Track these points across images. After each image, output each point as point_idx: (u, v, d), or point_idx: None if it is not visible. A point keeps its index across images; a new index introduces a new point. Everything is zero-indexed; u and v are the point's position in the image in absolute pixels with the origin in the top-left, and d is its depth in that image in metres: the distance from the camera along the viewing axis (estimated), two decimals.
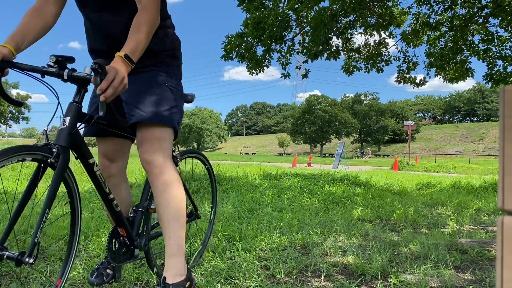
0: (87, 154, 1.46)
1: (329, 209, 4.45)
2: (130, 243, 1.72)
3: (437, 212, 4.61)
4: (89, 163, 1.47)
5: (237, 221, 3.40)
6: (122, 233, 1.68)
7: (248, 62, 7.28)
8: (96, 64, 1.19)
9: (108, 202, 1.58)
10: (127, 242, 1.71)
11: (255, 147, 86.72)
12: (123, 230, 1.68)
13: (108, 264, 1.70)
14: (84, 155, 1.45)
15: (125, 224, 1.67)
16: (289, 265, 2.24)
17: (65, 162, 1.32)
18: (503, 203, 0.43)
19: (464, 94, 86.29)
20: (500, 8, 6.46)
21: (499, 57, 7.36)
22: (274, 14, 6.65)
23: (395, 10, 7.22)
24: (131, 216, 1.80)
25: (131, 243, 1.73)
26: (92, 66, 1.21)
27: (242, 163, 16.03)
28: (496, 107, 73.82)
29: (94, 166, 1.49)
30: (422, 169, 19.01)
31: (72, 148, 1.39)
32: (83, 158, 1.46)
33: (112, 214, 1.62)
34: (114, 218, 1.63)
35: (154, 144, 1.50)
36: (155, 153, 1.50)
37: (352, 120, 60.30)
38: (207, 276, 2.01)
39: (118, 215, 1.63)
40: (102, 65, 1.20)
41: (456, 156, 45.55)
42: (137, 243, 1.74)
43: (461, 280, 2.11)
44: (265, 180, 6.82)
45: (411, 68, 8.09)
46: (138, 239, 1.76)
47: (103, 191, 1.54)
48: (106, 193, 1.56)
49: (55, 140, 1.32)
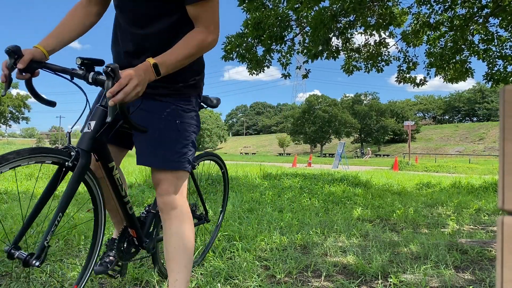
0: (108, 158, 1.45)
1: (329, 209, 4.45)
2: (139, 244, 1.73)
3: (437, 212, 4.61)
4: (108, 167, 1.47)
5: (237, 221, 3.40)
6: (132, 234, 1.70)
7: (248, 62, 7.28)
8: (109, 68, 1.17)
9: (123, 205, 1.59)
10: (136, 242, 1.72)
11: (255, 147, 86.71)
12: (133, 231, 1.69)
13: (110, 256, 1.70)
14: (105, 158, 1.44)
15: (136, 226, 1.68)
16: (289, 265, 2.24)
17: (84, 166, 1.30)
18: (503, 203, 0.43)
19: (464, 94, 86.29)
20: (500, 8, 6.46)
21: (499, 57, 7.35)
22: (274, 14, 6.65)
23: (395, 10, 7.21)
24: (143, 216, 1.81)
25: (140, 244, 1.73)
26: (104, 69, 1.18)
27: (242, 163, 16.04)
28: (496, 107, 73.82)
29: (114, 170, 1.49)
30: (422, 169, 19.01)
31: (94, 152, 1.38)
32: (104, 161, 1.45)
33: (126, 216, 1.63)
34: (127, 220, 1.64)
35: (170, 186, 1.46)
36: (171, 194, 1.46)
37: (352, 120, 60.30)
38: (207, 276, 2.01)
39: (130, 217, 1.63)
40: (114, 69, 1.17)
41: (456, 156, 45.55)
42: (145, 245, 1.75)
43: (461, 280, 2.11)
44: (265, 180, 6.82)
45: (411, 68, 8.09)
46: (147, 240, 1.76)
47: (119, 194, 1.55)
48: (122, 196, 1.56)
49: (78, 143, 1.31)
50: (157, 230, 1.82)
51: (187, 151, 1.48)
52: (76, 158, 1.28)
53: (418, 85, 8.18)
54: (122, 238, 1.67)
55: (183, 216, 1.49)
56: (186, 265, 1.47)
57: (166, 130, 1.44)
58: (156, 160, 1.45)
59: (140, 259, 2.10)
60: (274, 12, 6.70)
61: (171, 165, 1.44)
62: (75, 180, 1.28)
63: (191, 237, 1.50)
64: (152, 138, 1.44)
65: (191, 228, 1.51)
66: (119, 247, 1.65)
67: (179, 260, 1.46)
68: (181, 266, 1.46)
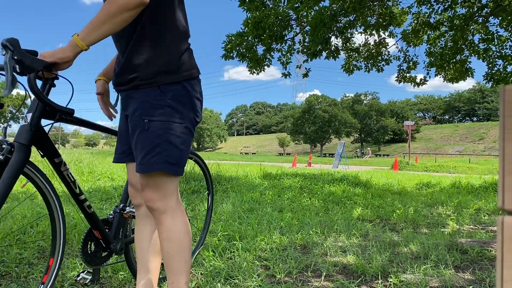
0: (52, 153, 1.39)
1: (329, 209, 4.45)
2: (106, 246, 1.65)
3: (437, 212, 4.61)
4: (55, 162, 1.42)
5: (237, 221, 3.40)
6: (97, 235, 1.62)
7: (248, 61, 7.28)
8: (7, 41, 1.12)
9: (80, 204, 1.52)
10: (103, 244, 1.64)
11: (255, 147, 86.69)
12: (98, 232, 1.61)
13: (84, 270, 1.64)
14: (49, 153, 1.38)
15: (99, 227, 1.60)
16: (289, 265, 2.24)
17: (20, 160, 1.24)
18: (503, 203, 0.43)
19: (464, 94, 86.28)
20: (500, 7, 6.45)
21: (499, 57, 7.35)
22: (274, 13, 6.65)
23: (395, 9, 7.21)
24: (111, 218, 1.72)
25: (107, 246, 1.66)
26: (3, 42, 1.13)
27: (242, 163, 16.04)
28: (496, 106, 73.82)
29: (62, 165, 1.44)
30: (422, 169, 19.01)
31: (36, 146, 1.33)
32: (49, 157, 1.39)
33: (86, 216, 1.55)
34: (88, 220, 1.56)
35: (152, 192, 1.35)
36: (155, 201, 1.36)
37: (352, 120, 60.29)
38: (207, 276, 2.01)
39: (91, 216, 1.56)
40: (12, 41, 1.12)
41: (456, 156, 45.53)
42: (113, 247, 1.67)
43: (461, 280, 2.11)
44: (265, 180, 6.82)
45: (411, 68, 8.10)
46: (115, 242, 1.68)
47: (73, 192, 1.49)
48: (76, 193, 1.50)
49: (15, 137, 1.26)
50: (125, 231, 1.74)
51: (161, 150, 1.30)
52: (9, 151, 1.22)
53: (418, 84, 8.18)
54: (86, 241, 1.58)
55: (173, 220, 1.37)
56: (181, 269, 1.39)
57: (136, 131, 1.34)
58: (138, 166, 1.35)
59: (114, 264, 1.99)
60: (275, 11, 6.70)
61: (143, 168, 1.32)
62: (9, 175, 1.20)
63: (183, 240, 1.39)
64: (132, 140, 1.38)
65: (183, 231, 1.40)
66: (84, 251, 1.56)
67: (172, 265, 1.39)
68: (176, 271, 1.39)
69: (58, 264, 1.46)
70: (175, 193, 1.39)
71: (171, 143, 1.31)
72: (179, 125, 1.33)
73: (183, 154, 1.36)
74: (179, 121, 1.33)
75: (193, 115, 1.39)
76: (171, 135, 1.31)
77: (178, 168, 1.35)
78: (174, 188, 1.38)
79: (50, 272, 1.44)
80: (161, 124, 1.30)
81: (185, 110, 1.35)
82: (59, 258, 1.46)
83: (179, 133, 1.33)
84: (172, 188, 1.37)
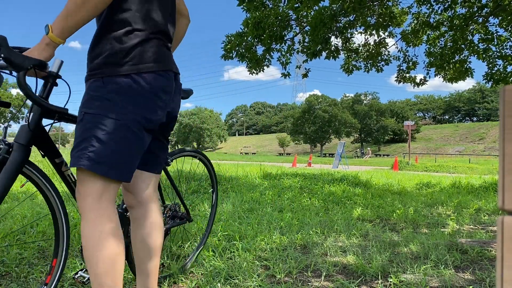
0: (53, 153, 1.39)
1: (329, 209, 4.45)
2: None
3: (437, 212, 4.61)
4: (56, 163, 1.42)
5: (237, 221, 3.40)
6: None
7: (248, 61, 7.28)
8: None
9: None
10: None
11: (255, 147, 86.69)
12: None
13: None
14: (50, 153, 1.38)
15: None
16: (289, 265, 2.24)
17: (19, 160, 1.23)
18: (503, 203, 0.43)
19: (464, 94, 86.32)
20: (500, 7, 6.46)
21: (499, 57, 7.35)
22: (274, 13, 6.65)
23: (395, 9, 7.21)
24: None
25: None
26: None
27: (242, 163, 16.03)
28: (496, 107, 73.82)
29: (63, 165, 1.44)
30: (422, 169, 19.01)
31: (37, 147, 1.33)
32: (50, 157, 1.40)
33: None
34: None
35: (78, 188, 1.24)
36: (77, 199, 1.25)
37: (352, 120, 60.31)
38: (207, 276, 2.01)
39: None
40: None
41: (456, 156, 45.54)
42: None
43: (461, 280, 2.11)
44: (265, 180, 6.81)
45: (411, 68, 8.10)
46: None
47: (74, 192, 1.48)
48: None
49: (15, 137, 1.26)
50: (126, 231, 1.73)
51: (87, 145, 1.18)
52: (7, 152, 1.22)
53: (418, 84, 8.18)
54: None
55: (85, 223, 1.21)
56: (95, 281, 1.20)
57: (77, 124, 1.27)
58: None
59: None
60: (274, 11, 6.70)
61: (71, 162, 1.23)
62: (6, 175, 1.20)
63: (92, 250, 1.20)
64: None
65: (92, 238, 1.20)
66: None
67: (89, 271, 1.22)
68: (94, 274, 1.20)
69: (62, 265, 1.46)
70: (93, 194, 1.21)
71: (99, 139, 1.18)
72: (114, 121, 1.19)
73: (118, 155, 1.20)
74: (115, 117, 1.19)
75: (141, 111, 1.23)
76: (101, 130, 1.18)
77: (107, 169, 1.19)
78: (96, 189, 1.21)
79: (54, 273, 1.44)
80: (92, 117, 1.19)
81: (129, 106, 1.21)
82: (63, 258, 1.46)
83: (112, 130, 1.19)
84: (92, 189, 1.21)
